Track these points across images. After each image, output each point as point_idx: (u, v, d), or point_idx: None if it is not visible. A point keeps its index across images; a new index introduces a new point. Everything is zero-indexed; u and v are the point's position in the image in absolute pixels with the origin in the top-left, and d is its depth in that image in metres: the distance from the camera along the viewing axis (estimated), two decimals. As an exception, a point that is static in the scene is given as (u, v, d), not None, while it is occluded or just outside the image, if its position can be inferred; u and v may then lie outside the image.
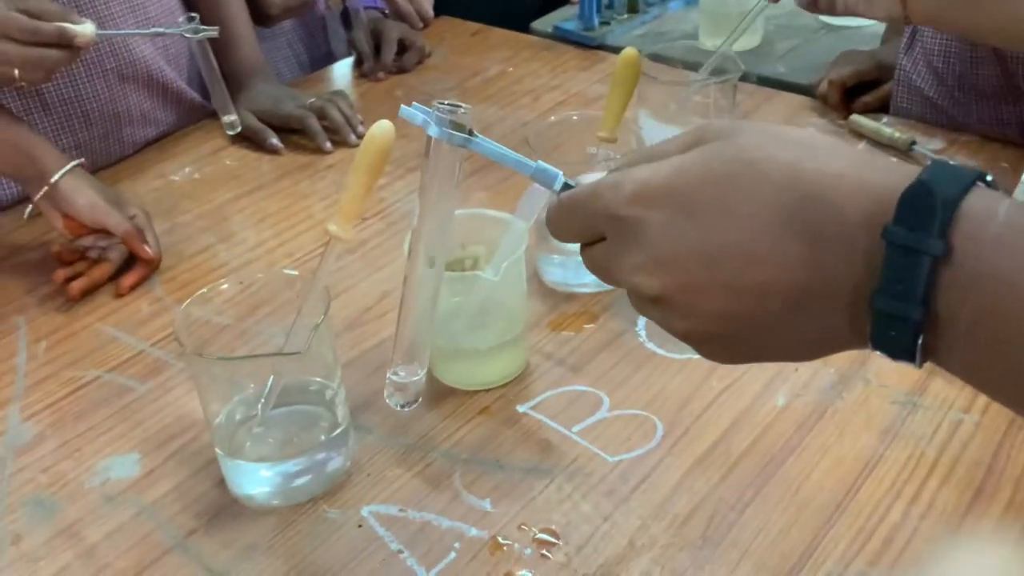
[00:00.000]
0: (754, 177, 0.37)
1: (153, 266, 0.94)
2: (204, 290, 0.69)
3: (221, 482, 0.70)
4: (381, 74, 1.33)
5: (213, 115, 1.23)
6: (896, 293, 0.34)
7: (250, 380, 0.67)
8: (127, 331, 0.87)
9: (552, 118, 0.91)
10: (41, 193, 0.92)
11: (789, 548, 0.62)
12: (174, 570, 0.64)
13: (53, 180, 0.92)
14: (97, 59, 1.06)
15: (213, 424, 0.67)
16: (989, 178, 0.36)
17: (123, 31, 1.03)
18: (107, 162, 1.12)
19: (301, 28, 1.46)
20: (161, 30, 1.00)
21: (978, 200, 0.34)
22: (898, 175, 0.35)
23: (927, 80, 1.08)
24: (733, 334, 0.39)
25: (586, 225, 0.43)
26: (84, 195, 0.93)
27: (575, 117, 0.91)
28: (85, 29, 0.88)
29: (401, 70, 1.35)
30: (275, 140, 1.15)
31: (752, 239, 0.36)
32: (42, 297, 0.92)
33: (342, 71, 1.41)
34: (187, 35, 0.93)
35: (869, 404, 0.73)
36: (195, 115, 1.22)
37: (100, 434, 0.76)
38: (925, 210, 0.33)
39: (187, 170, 1.13)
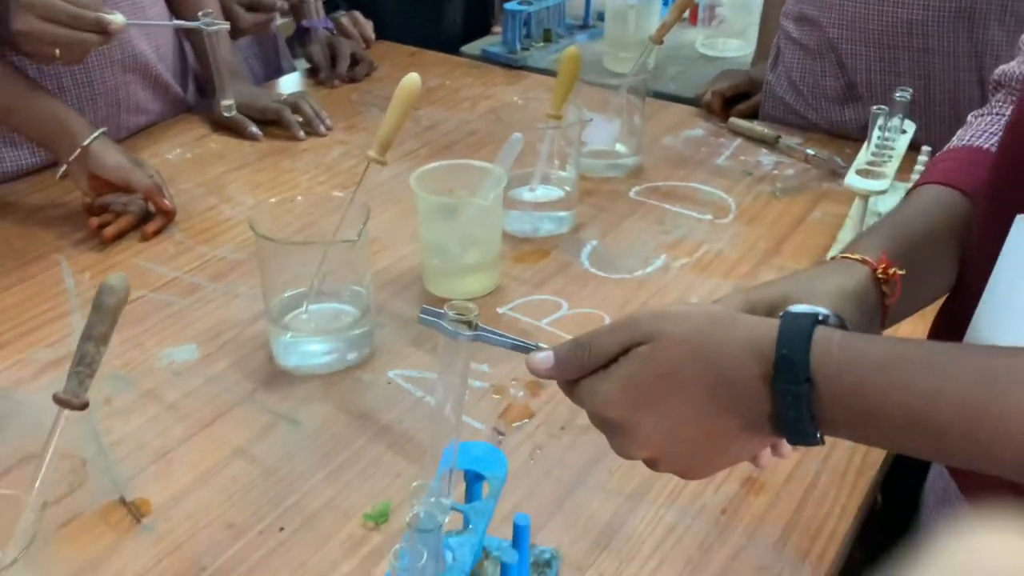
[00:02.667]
0: (682, 375, 0.51)
1: (170, 217, 1.11)
2: (272, 200, 0.88)
3: (270, 360, 0.88)
4: (337, 82, 1.54)
5: (192, 109, 1.42)
6: (790, 417, 0.49)
7: (306, 265, 0.85)
8: (158, 264, 1.04)
9: (516, 99, 1.14)
10: (74, 155, 1.08)
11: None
12: (246, 415, 0.82)
13: (85, 143, 1.08)
14: (107, 50, 1.22)
15: (271, 304, 0.86)
16: (821, 315, 0.51)
17: (146, 22, 1.21)
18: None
19: (256, 46, 1.66)
20: (181, 23, 1.18)
21: (819, 342, 0.48)
22: (770, 339, 0.49)
23: (788, 91, 1.38)
24: (698, 465, 0.56)
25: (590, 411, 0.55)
26: (111, 156, 1.09)
27: (519, 101, 1.15)
28: (117, 18, 1.06)
29: (352, 80, 1.56)
30: (254, 128, 1.34)
31: (696, 408, 0.51)
32: (75, 241, 1.08)
33: (291, 82, 1.61)
34: (203, 27, 1.12)
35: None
36: (179, 108, 1.39)
37: (157, 332, 0.92)
38: (790, 369, 0.48)
39: (178, 151, 1.30)
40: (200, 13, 1.13)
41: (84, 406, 0.58)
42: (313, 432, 0.80)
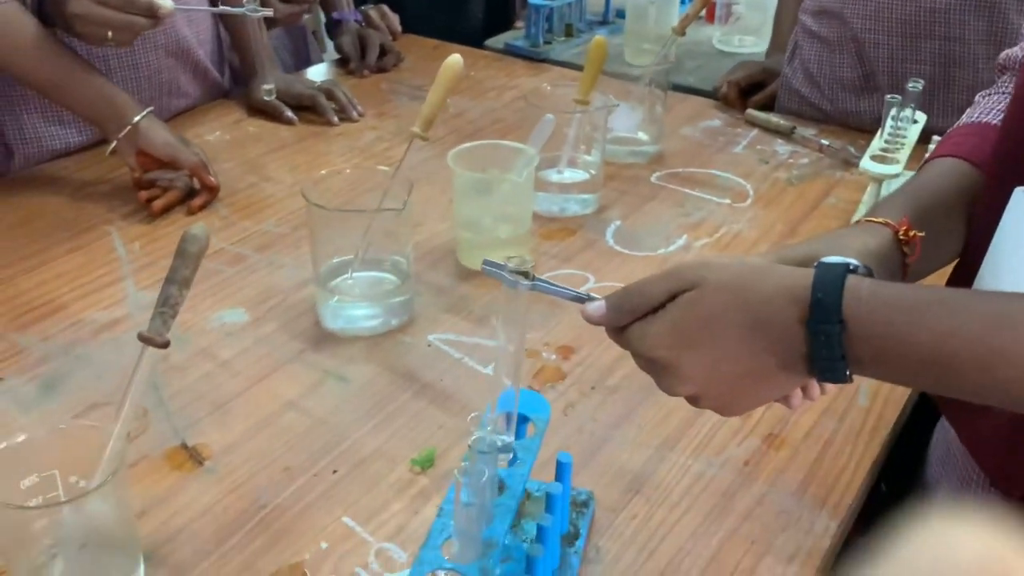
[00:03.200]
0: (724, 318, 0.56)
1: (214, 193, 1.16)
2: (323, 172, 0.93)
3: (316, 323, 0.93)
4: (366, 72, 1.59)
5: (228, 95, 1.47)
6: (823, 355, 0.54)
7: (353, 234, 0.90)
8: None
9: (545, 86, 1.20)
10: (124, 133, 1.14)
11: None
12: (295, 372, 0.87)
13: (135, 120, 1.13)
14: (152, 35, 1.27)
15: (319, 269, 0.91)
16: (852, 265, 0.56)
17: (193, 7, 1.26)
18: (148, 124, 1.34)
19: (286, 37, 1.72)
20: (227, 8, 1.23)
21: (850, 288, 0.53)
22: (804, 285, 0.54)
23: (804, 84, 1.43)
24: (736, 401, 0.60)
25: (634, 351, 0.60)
26: (159, 135, 1.14)
27: (547, 87, 1.21)
28: (166, 4, 1.11)
29: (381, 70, 1.61)
30: (290, 113, 1.39)
31: (736, 348, 0.56)
32: (124, 214, 1.13)
33: (320, 71, 1.67)
34: (249, 13, 1.17)
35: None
36: (216, 93, 1.45)
37: (207, 297, 0.97)
38: (825, 311, 0.53)
39: (217, 133, 1.35)
40: (245, 0, 1.19)
41: (166, 344, 0.63)
42: (360, 388, 0.85)
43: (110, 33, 1.08)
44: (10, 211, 1.13)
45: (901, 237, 0.66)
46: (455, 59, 0.92)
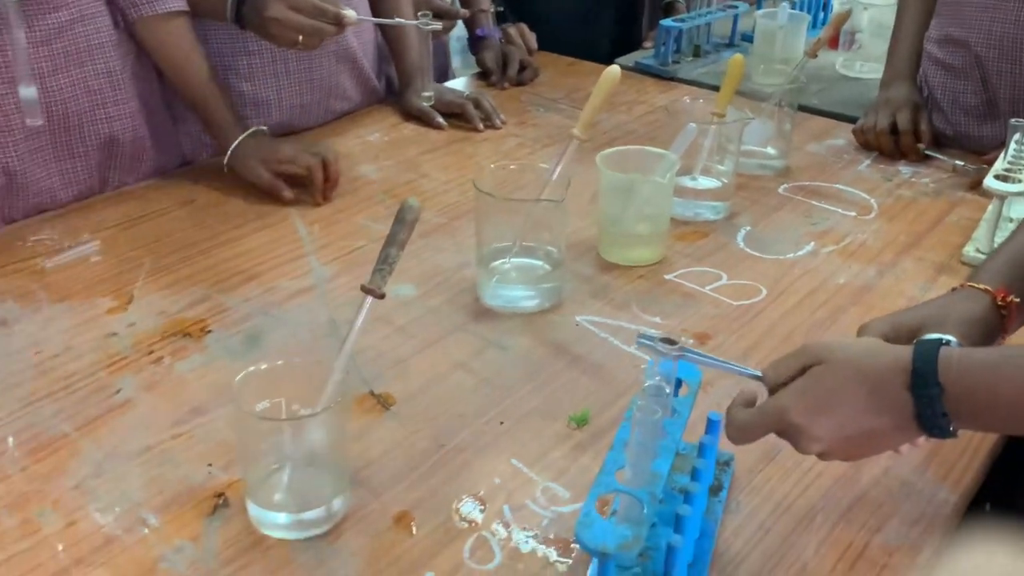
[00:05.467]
0: (847, 387, 0.67)
1: (332, 183, 1.28)
2: (492, 165, 1.04)
3: (476, 300, 1.05)
4: (506, 84, 1.72)
5: (384, 101, 1.61)
6: (928, 414, 0.65)
7: (515, 220, 1.01)
8: (373, 222, 1.22)
9: (685, 99, 1.29)
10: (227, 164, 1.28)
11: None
12: (461, 340, 0.98)
13: (227, 159, 1.27)
14: (324, 43, 1.42)
15: (483, 251, 1.03)
16: (944, 340, 0.71)
17: (372, 19, 1.40)
18: (317, 123, 1.49)
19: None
20: (401, 20, 1.37)
21: (943, 358, 0.65)
22: (909, 359, 0.65)
23: (929, 110, 1.48)
24: (857, 455, 0.72)
25: (766, 429, 0.70)
26: (253, 169, 1.26)
27: (687, 100, 1.30)
28: (350, 14, 1.25)
29: (520, 83, 1.74)
30: (441, 119, 1.52)
31: (858, 412, 0.67)
32: (303, 200, 1.27)
33: (460, 84, 1.80)
34: (421, 26, 1.30)
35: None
36: (373, 99, 1.59)
37: (380, 273, 1.10)
38: (924, 378, 0.65)
39: (377, 135, 1.49)
40: (419, 13, 1.32)
41: (382, 295, 0.75)
42: (518, 356, 0.96)
43: (301, 37, 1.23)
44: (203, 193, 1.28)
45: (999, 304, 0.78)
46: (614, 70, 1.02)
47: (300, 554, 0.72)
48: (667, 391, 0.66)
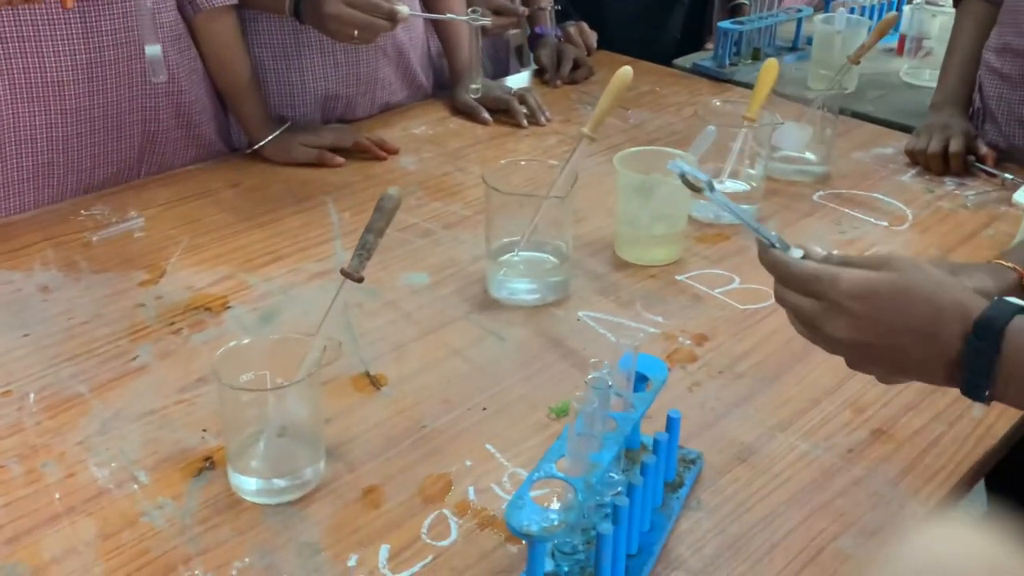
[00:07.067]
0: (914, 302, 0.64)
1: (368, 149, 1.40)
2: (503, 162, 1.08)
3: (485, 291, 1.08)
4: (559, 83, 1.74)
5: (431, 96, 1.65)
6: (972, 369, 0.63)
7: (523, 215, 1.04)
8: (402, 213, 1.25)
9: (716, 102, 1.30)
10: (262, 144, 1.38)
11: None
12: (463, 328, 1.02)
13: (265, 150, 1.37)
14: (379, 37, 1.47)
15: (491, 245, 1.06)
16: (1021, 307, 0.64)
17: (424, 15, 1.46)
18: (363, 115, 1.54)
19: (491, 47, 1.90)
20: (452, 16, 1.42)
21: (1014, 327, 0.62)
22: (977, 307, 0.63)
23: (984, 119, 1.44)
24: (892, 372, 0.69)
25: (805, 292, 0.68)
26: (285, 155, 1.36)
27: (718, 103, 1.31)
28: (403, 10, 1.29)
29: (573, 82, 1.76)
30: (486, 115, 1.56)
31: (903, 326, 0.64)
32: (338, 186, 1.33)
33: (520, 79, 1.83)
34: (470, 22, 1.34)
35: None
36: (419, 95, 1.64)
37: (399, 260, 1.14)
38: (989, 334, 0.62)
39: (423, 128, 1.54)
40: (469, 9, 1.36)
41: (360, 279, 0.79)
42: (515, 347, 0.99)
43: (356, 32, 1.28)
44: (250, 177, 1.35)
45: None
46: (625, 70, 1.04)
47: (269, 518, 0.77)
48: (608, 384, 0.68)
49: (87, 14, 1.19)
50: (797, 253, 0.71)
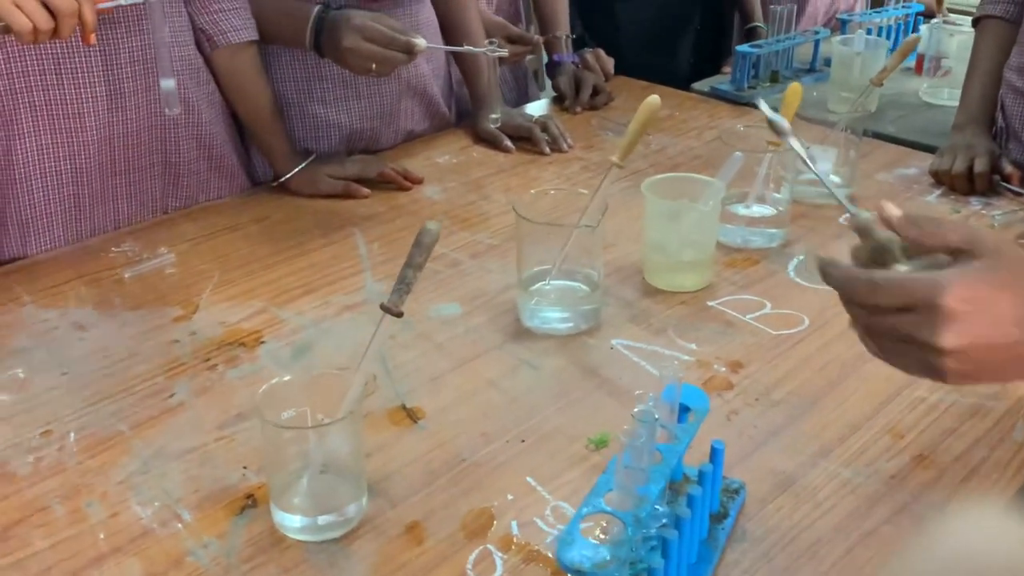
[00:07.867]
0: (1009, 294, 0.59)
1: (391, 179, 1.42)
2: (532, 191, 1.08)
3: (516, 320, 1.08)
4: (579, 109, 1.75)
5: (453, 126, 1.66)
6: None
7: (554, 244, 1.04)
8: (429, 242, 1.27)
9: (739, 126, 1.30)
10: (288, 178, 1.39)
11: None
12: (497, 358, 1.02)
13: (291, 183, 1.38)
14: (396, 69, 1.48)
15: (522, 274, 1.06)
16: None
17: (441, 46, 1.47)
18: (387, 146, 1.55)
19: (510, 75, 1.91)
20: (469, 48, 1.43)
21: None
22: None
23: (1007, 139, 1.44)
24: (984, 370, 0.61)
25: (896, 299, 0.61)
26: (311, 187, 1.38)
27: (741, 128, 1.31)
28: (420, 42, 1.30)
29: (592, 108, 1.77)
30: (508, 142, 1.57)
31: (1008, 324, 0.59)
32: (366, 217, 1.33)
33: (539, 107, 1.84)
34: (488, 53, 1.35)
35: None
36: (442, 124, 1.65)
37: (429, 291, 1.15)
38: None
39: (446, 157, 1.55)
40: (487, 41, 1.37)
41: (400, 314, 0.79)
42: (549, 376, 0.99)
43: (374, 65, 1.29)
44: (278, 210, 1.36)
45: None
46: (653, 99, 1.04)
47: (314, 556, 0.77)
48: (655, 417, 0.68)
49: (106, 45, 1.20)
50: (865, 215, 0.66)
